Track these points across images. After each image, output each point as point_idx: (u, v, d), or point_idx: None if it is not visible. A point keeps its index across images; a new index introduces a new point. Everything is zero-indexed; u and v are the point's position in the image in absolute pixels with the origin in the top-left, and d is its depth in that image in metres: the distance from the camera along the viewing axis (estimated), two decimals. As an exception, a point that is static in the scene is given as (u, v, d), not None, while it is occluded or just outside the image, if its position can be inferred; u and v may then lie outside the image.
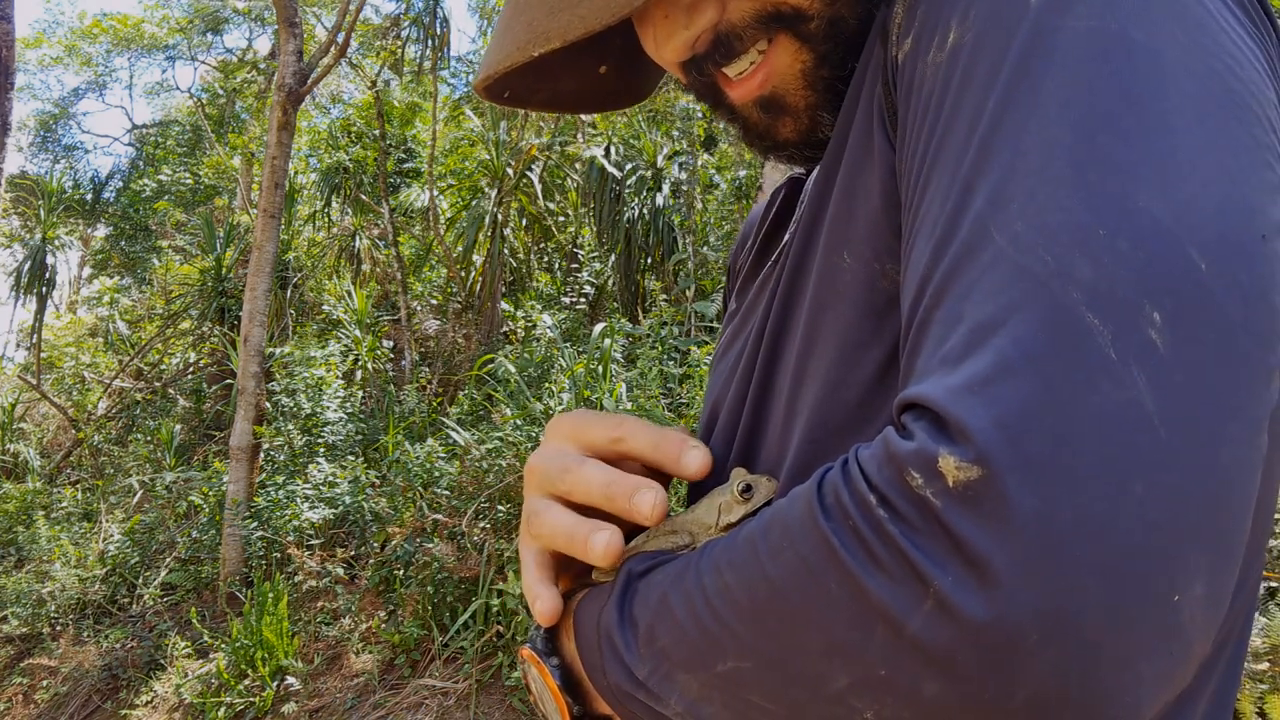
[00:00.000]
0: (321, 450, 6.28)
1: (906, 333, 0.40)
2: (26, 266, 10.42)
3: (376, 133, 9.98)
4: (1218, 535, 0.32)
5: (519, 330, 7.09)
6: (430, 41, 9.57)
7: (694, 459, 0.52)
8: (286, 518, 5.51)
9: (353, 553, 5.39)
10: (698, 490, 0.56)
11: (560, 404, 4.77)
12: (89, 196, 16.12)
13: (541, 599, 0.52)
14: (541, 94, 0.70)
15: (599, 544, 0.49)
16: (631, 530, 0.54)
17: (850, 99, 0.54)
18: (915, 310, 0.39)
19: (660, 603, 0.44)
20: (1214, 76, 0.37)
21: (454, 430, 5.42)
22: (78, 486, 8.77)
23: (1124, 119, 0.35)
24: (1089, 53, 0.37)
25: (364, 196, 10.57)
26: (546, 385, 5.32)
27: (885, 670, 0.33)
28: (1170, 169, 0.34)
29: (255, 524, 5.67)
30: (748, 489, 0.48)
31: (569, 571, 0.57)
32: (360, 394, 7.35)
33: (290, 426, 6.37)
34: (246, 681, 4.64)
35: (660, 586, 0.45)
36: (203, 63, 17.84)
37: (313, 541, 5.52)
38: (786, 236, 0.65)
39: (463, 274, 9.05)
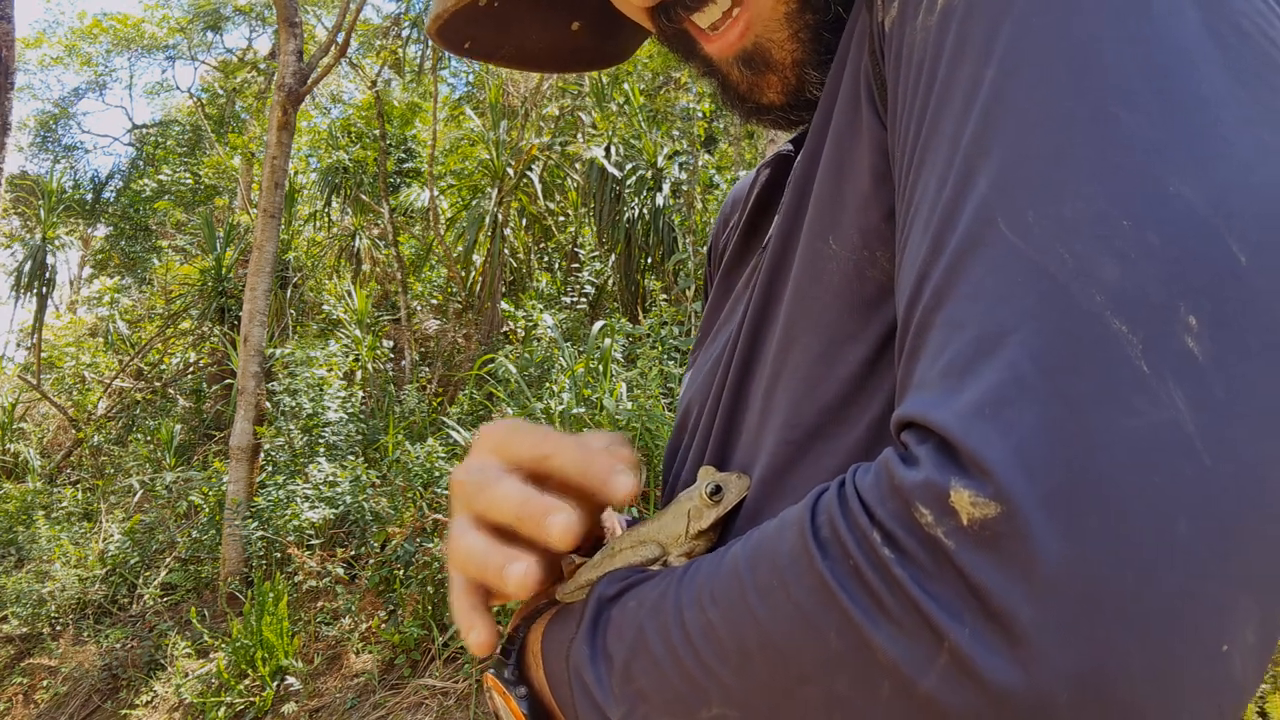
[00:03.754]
0: (322, 450, 6.27)
1: (904, 334, 0.36)
2: (26, 266, 10.43)
3: (376, 133, 9.98)
4: (1269, 574, 0.28)
5: (519, 330, 7.09)
6: (430, 41, 9.55)
7: (621, 485, 0.47)
8: (286, 518, 5.51)
9: (353, 553, 5.39)
10: (671, 494, 0.53)
11: (560, 404, 4.76)
12: (89, 196, 16.14)
13: (475, 630, 0.47)
14: (507, 48, 0.65)
15: (514, 575, 0.44)
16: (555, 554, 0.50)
17: (835, 71, 0.49)
18: (913, 311, 0.35)
19: (637, 637, 0.40)
20: (1243, 37, 0.32)
21: (454, 430, 5.42)
22: (78, 486, 8.78)
23: (1146, 91, 0.30)
24: (1100, 12, 0.32)
25: (364, 196, 10.57)
26: (546, 385, 5.31)
27: None
28: (1203, 148, 0.30)
29: (255, 524, 5.67)
30: (717, 490, 0.45)
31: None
32: (360, 394, 7.34)
33: (290, 426, 6.37)
34: (246, 681, 4.64)
35: (635, 618, 0.41)
36: (203, 63, 17.85)
37: (313, 541, 5.52)
38: (771, 224, 0.60)
39: (463, 274, 9.05)
